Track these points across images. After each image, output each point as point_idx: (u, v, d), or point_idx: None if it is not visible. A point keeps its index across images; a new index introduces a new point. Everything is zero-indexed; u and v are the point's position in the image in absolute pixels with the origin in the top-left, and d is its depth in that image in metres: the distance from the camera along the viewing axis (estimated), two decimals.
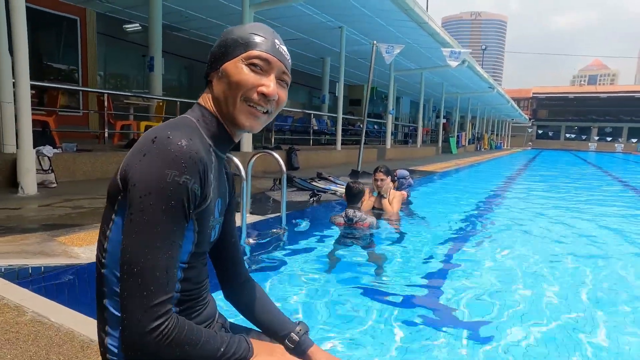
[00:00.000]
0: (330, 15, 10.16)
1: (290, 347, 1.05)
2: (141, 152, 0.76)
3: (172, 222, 0.74)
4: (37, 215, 3.50)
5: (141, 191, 0.73)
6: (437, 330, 2.25)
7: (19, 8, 4.08)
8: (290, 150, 9.02)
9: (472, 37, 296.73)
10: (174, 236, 0.75)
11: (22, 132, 4.29)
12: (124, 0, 9.57)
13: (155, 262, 0.73)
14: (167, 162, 0.74)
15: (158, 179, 0.73)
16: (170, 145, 0.75)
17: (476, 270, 3.31)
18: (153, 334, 0.71)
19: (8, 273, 2.15)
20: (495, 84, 22.28)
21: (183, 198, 0.75)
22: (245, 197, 3.51)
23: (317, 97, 18.54)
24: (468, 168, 14.01)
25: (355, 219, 3.76)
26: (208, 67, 0.90)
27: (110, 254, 0.80)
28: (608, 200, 8.22)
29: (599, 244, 4.35)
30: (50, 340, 1.49)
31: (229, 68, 0.85)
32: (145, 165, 0.74)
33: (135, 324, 0.71)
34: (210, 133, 0.88)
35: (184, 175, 0.74)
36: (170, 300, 0.74)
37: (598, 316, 2.48)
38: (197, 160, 0.77)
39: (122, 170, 0.78)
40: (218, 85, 0.87)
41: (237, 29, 0.89)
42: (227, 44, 0.87)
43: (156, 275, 0.72)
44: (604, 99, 57.79)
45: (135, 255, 0.73)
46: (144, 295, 0.72)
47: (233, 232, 1.07)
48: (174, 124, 0.82)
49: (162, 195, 0.73)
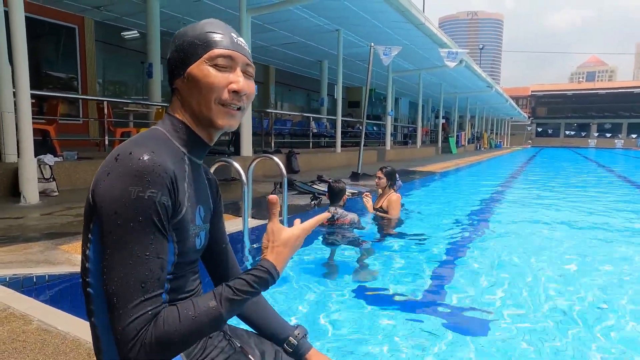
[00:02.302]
0: (327, 18, 10.19)
1: (289, 350, 1.06)
2: (106, 172, 0.75)
3: (144, 238, 0.73)
4: (39, 223, 3.51)
5: (108, 211, 0.73)
6: (435, 330, 2.25)
7: (18, 18, 4.11)
8: (290, 153, 9.03)
9: (469, 36, 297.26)
10: (148, 252, 0.74)
11: (23, 141, 4.31)
12: (122, 8, 9.60)
13: (128, 280, 0.72)
14: (129, 179, 0.73)
15: (122, 198, 0.72)
16: (132, 162, 0.74)
17: (475, 271, 3.31)
18: (132, 352, 0.71)
19: (13, 282, 2.16)
20: (493, 83, 22.31)
21: (151, 213, 0.74)
22: (246, 202, 3.52)
23: (315, 100, 18.58)
24: (468, 167, 14.02)
25: (336, 215, 3.84)
26: (170, 74, 0.88)
27: (92, 273, 0.80)
28: (610, 196, 8.22)
29: (602, 239, 4.36)
30: (57, 348, 1.50)
31: (194, 72, 0.83)
32: (109, 184, 0.74)
33: (118, 344, 0.72)
34: (183, 141, 0.87)
35: (149, 190, 0.74)
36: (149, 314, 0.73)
37: (601, 315, 2.49)
38: (161, 172, 0.76)
39: (92, 190, 0.77)
40: (186, 91, 0.85)
41: (191, 29, 0.86)
42: (184, 47, 0.85)
43: (130, 293, 0.72)
44: (602, 95, 57.85)
45: (110, 277, 0.73)
46: (120, 315, 0.71)
47: (222, 238, 1.07)
48: (139, 138, 0.81)
49: (128, 214, 0.72)
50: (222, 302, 0.77)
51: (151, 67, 8.68)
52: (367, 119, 12.19)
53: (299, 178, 6.96)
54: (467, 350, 2.05)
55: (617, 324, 2.38)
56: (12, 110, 4.47)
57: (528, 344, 2.12)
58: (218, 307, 0.76)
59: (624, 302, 2.68)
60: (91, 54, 10.44)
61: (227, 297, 0.77)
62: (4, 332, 1.61)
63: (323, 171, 8.71)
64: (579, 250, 4.02)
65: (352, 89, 19.55)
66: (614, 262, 3.61)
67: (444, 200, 7.21)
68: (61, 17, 9.72)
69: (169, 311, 0.75)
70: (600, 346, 2.12)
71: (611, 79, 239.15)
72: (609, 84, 78.10)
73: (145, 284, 0.73)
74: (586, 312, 2.52)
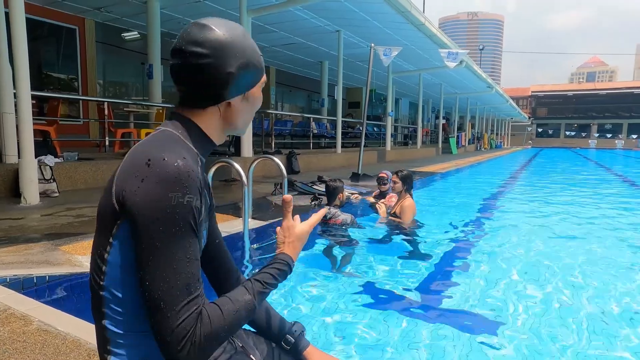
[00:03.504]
0: (327, 19, 10.21)
1: (287, 348, 1.07)
2: (138, 177, 0.75)
3: (185, 242, 0.76)
4: (40, 224, 3.52)
5: (148, 219, 0.74)
6: (433, 330, 2.25)
7: (19, 19, 4.12)
8: (290, 154, 9.03)
9: (469, 37, 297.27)
10: (189, 254, 0.76)
11: (24, 142, 4.31)
12: (122, 9, 9.62)
13: (174, 283, 0.74)
14: (168, 185, 0.74)
15: (163, 204, 0.74)
16: (168, 168, 0.75)
17: (476, 271, 3.31)
18: (183, 351, 0.73)
19: (13, 283, 2.16)
20: (493, 84, 22.31)
21: (189, 217, 0.76)
22: (247, 203, 3.52)
23: (316, 100, 18.59)
24: (468, 168, 14.02)
25: (329, 215, 3.86)
26: (221, 87, 0.85)
27: (109, 276, 0.81)
28: (611, 196, 8.22)
29: (604, 238, 4.36)
30: (57, 349, 1.50)
31: (255, 94, 0.92)
32: (146, 191, 0.74)
33: (167, 347, 0.73)
34: (196, 143, 0.88)
35: (187, 195, 0.76)
36: (195, 314, 0.75)
37: (604, 314, 2.49)
38: (195, 177, 0.78)
39: (117, 195, 0.77)
40: (241, 108, 0.90)
41: (250, 49, 0.88)
42: (249, 69, 0.87)
43: (177, 296, 0.74)
44: (603, 95, 57.83)
45: (154, 282, 0.74)
46: (169, 318, 0.73)
47: (215, 233, 1.08)
48: (162, 142, 0.81)
49: (170, 220, 0.74)
50: (255, 296, 0.84)
51: (151, 68, 8.70)
52: (368, 119, 12.21)
53: (299, 179, 6.97)
54: (467, 351, 2.04)
55: (619, 322, 2.38)
56: (12, 111, 4.49)
57: (536, 344, 2.12)
58: (253, 300, 0.83)
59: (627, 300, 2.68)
60: (92, 55, 10.47)
61: (258, 291, 0.85)
62: (5, 333, 1.61)
63: (323, 172, 8.71)
64: (582, 249, 4.01)
65: (353, 90, 19.56)
66: (619, 260, 3.61)
67: (445, 200, 7.21)
68: (62, 18, 9.74)
69: (211, 309, 0.78)
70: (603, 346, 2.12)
71: (611, 79, 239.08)
72: (610, 84, 78.08)
73: (189, 286, 0.76)
74: (593, 311, 2.52)
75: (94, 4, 9.26)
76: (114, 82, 12.41)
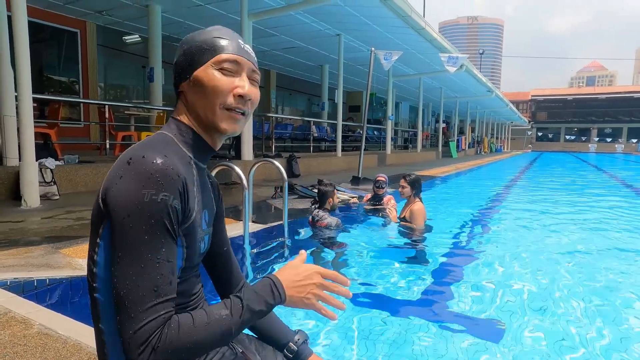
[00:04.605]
0: (328, 23, 10.24)
1: (289, 356, 1.05)
2: (117, 175, 0.75)
3: (156, 242, 0.73)
4: (40, 227, 3.52)
5: (121, 214, 0.73)
6: (432, 330, 2.25)
7: (21, 22, 4.13)
8: (290, 157, 9.04)
9: (469, 41, 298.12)
10: (160, 255, 0.74)
11: (25, 145, 4.31)
12: (123, 13, 9.65)
13: (140, 283, 0.71)
14: (143, 182, 0.73)
15: (135, 200, 0.72)
16: (145, 165, 0.74)
17: (475, 271, 3.31)
18: (142, 356, 0.70)
19: (14, 286, 2.16)
20: (493, 88, 22.35)
21: (163, 216, 0.74)
22: (247, 206, 3.52)
23: (316, 104, 18.62)
24: (469, 172, 14.02)
25: (316, 217, 3.95)
26: (177, 78, 0.88)
27: (100, 278, 0.80)
28: (611, 199, 8.22)
29: (605, 241, 4.36)
30: (58, 352, 1.50)
31: (201, 75, 0.84)
32: (122, 187, 0.74)
33: (127, 349, 0.71)
34: (189, 145, 0.87)
35: (162, 192, 0.74)
36: (162, 318, 0.72)
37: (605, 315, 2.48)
38: (174, 176, 0.76)
39: (102, 194, 0.77)
40: (192, 95, 0.86)
41: (198, 35, 0.87)
42: (192, 51, 0.85)
43: (142, 296, 0.71)
44: (602, 100, 57.89)
45: (121, 281, 0.72)
46: (131, 319, 0.71)
47: (224, 240, 1.06)
48: (149, 142, 0.81)
49: (141, 216, 0.72)
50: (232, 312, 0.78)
51: (152, 71, 8.72)
52: (368, 123, 12.22)
53: (299, 182, 6.97)
54: (469, 351, 2.04)
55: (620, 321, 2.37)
56: (14, 114, 4.49)
57: (538, 346, 2.12)
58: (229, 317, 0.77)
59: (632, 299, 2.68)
60: (93, 58, 10.49)
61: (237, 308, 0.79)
62: (5, 336, 1.61)
63: (324, 175, 8.71)
64: (583, 250, 4.01)
65: (353, 93, 19.59)
66: (621, 263, 3.61)
67: (446, 203, 7.20)
68: (63, 21, 9.78)
69: (183, 317, 0.75)
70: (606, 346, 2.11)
71: (611, 83, 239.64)
72: (609, 88, 78.25)
73: (158, 288, 0.73)
74: (592, 310, 2.52)
75: (95, 7, 9.29)
76: (115, 85, 12.44)
